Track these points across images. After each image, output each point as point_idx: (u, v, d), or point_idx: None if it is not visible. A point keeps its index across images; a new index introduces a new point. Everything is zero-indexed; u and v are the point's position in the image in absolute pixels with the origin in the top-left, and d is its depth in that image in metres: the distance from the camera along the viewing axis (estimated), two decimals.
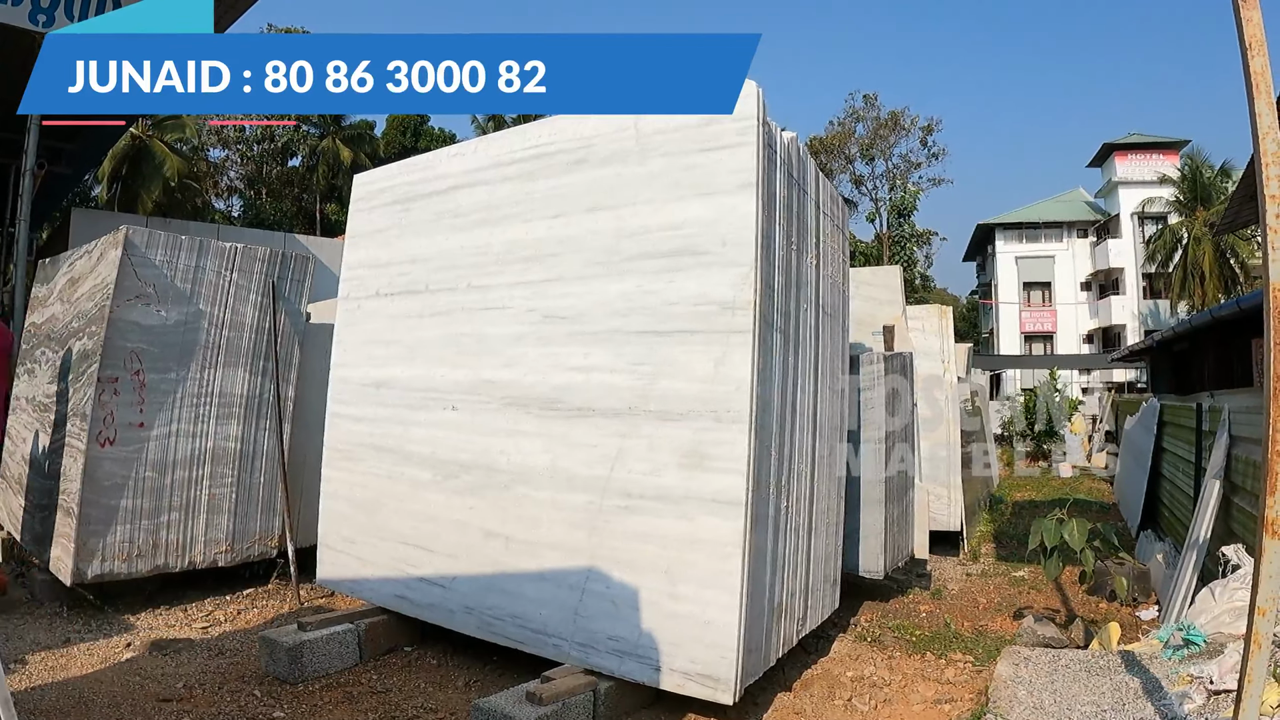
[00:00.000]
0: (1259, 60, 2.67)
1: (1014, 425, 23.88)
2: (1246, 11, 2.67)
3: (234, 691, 4.92)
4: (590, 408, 4.79)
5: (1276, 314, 2.65)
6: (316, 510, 6.34)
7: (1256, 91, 2.69)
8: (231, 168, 42.47)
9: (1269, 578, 2.67)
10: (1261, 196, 2.69)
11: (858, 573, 6.78)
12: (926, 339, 9.43)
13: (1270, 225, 2.67)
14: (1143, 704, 3.84)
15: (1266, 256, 2.69)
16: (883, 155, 48.88)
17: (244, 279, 7.09)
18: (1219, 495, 6.36)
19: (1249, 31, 2.67)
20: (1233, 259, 37.05)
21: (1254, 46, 2.67)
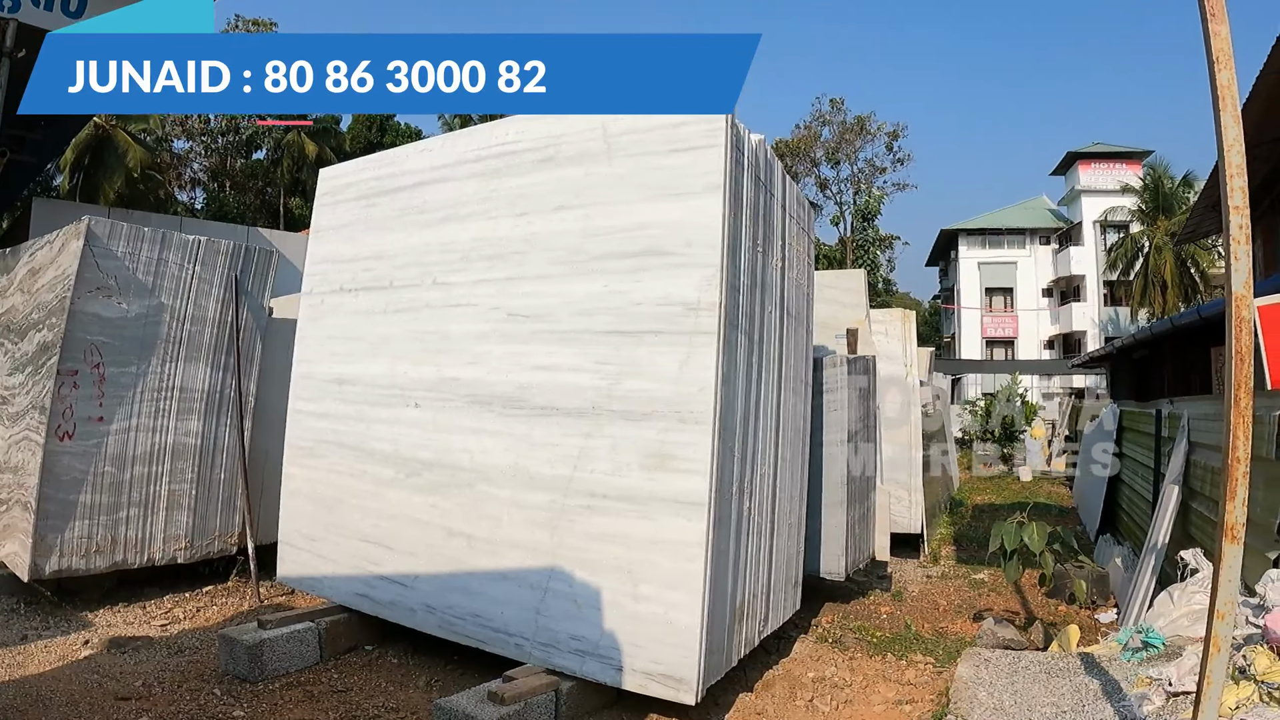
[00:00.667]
0: (1225, 74, 2.71)
1: (974, 429, 24.15)
2: (1214, 26, 2.71)
3: (193, 690, 4.87)
4: (554, 407, 4.77)
5: (1238, 323, 2.70)
6: (277, 507, 6.28)
7: (1223, 104, 2.73)
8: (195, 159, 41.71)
9: (1228, 582, 2.72)
10: (1225, 207, 2.73)
11: (819, 574, 6.81)
12: (889, 343, 9.51)
13: (1233, 236, 2.71)
14: (1102, 705, 3.88)
15: (1229, 266, 2.74)
16: (848, 159, 49.16)
17: (206, 272, 7.00)
18: (1177, 500, 6.46)
19: (1216, 45, 2.71)
20: (1193, 268, 37.73)
21: (1221, 60, 2.71)
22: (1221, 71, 2.71)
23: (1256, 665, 3.53)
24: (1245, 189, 2.71)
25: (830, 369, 6.78)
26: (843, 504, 6.76)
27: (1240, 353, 2.70)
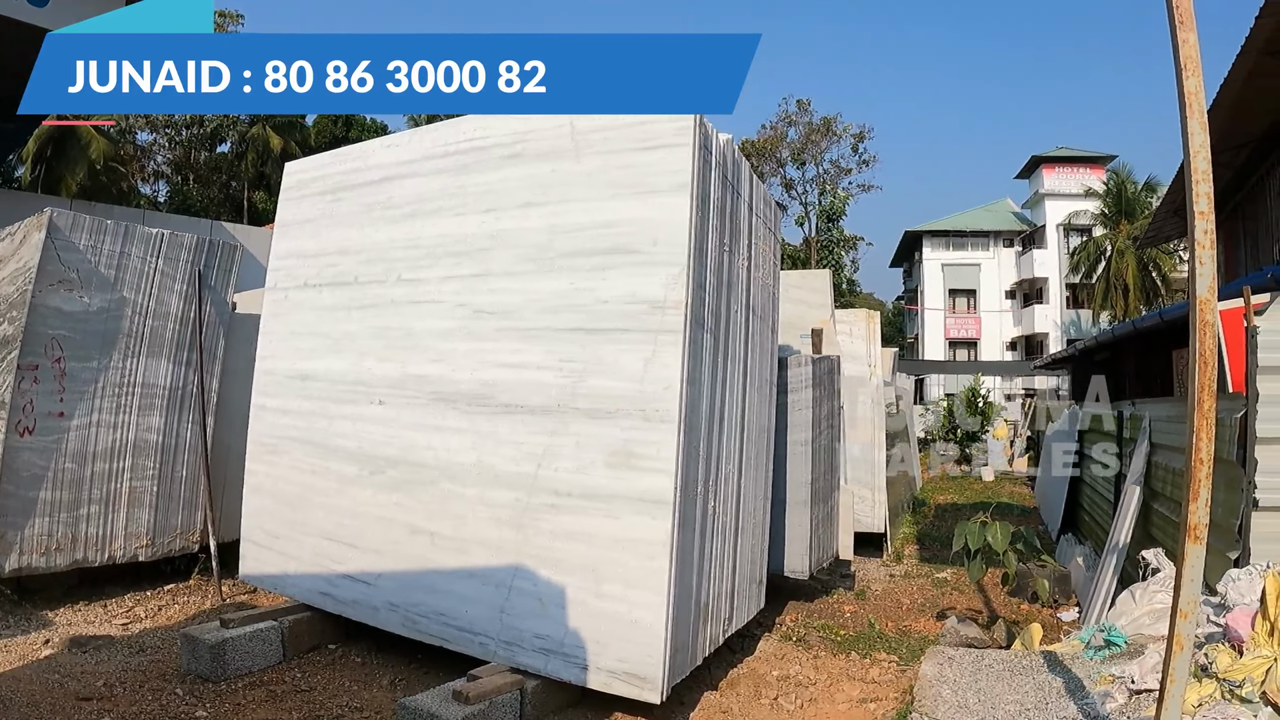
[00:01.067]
0: (1193, 81, 2.74)
1: (937, 430, 24.34)
2: (1183, 34, 2.74)
3: (155, 690, 4.80)
4: (519, 404, 4.75)
5: (1202, 326, 2.73)
6: (240, 504, 6.21)
7: (1190, 110, 2.75)
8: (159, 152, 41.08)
9: (1190, 581, 2.75)
10: (1191, 212, 2.76)
11: (783, 573, 6.84)
12: (853, 343, 9.55)
13: (1198, 240, 2.74)
14: (1065, 703, 3.91)
15: (1194, 270, 2.77)
16: (814, 160, 49.43)
17: (169, 266, 6.91)
18: (1139, 501, 6.54)
19: (1184, 53, 2.74)
20: (1154, 272, 38.33)
21: (1188, 67, 2.74)
22: (1189, 78, 2.74)
23: (1218, 663, 3.58)
24: (1211, 194, 2.74)
25: (795, 369, 6.81)
26: (806, 503, 6.79)
27: (1204, 356, 2.73)
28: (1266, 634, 3.54)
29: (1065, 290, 44.99)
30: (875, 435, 9.50)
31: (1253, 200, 13.70)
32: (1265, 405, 4.55)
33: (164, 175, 42.08)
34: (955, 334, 48.47)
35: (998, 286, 48.64)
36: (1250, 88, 10.09)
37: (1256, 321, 4.62)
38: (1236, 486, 4.70)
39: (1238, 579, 4.18)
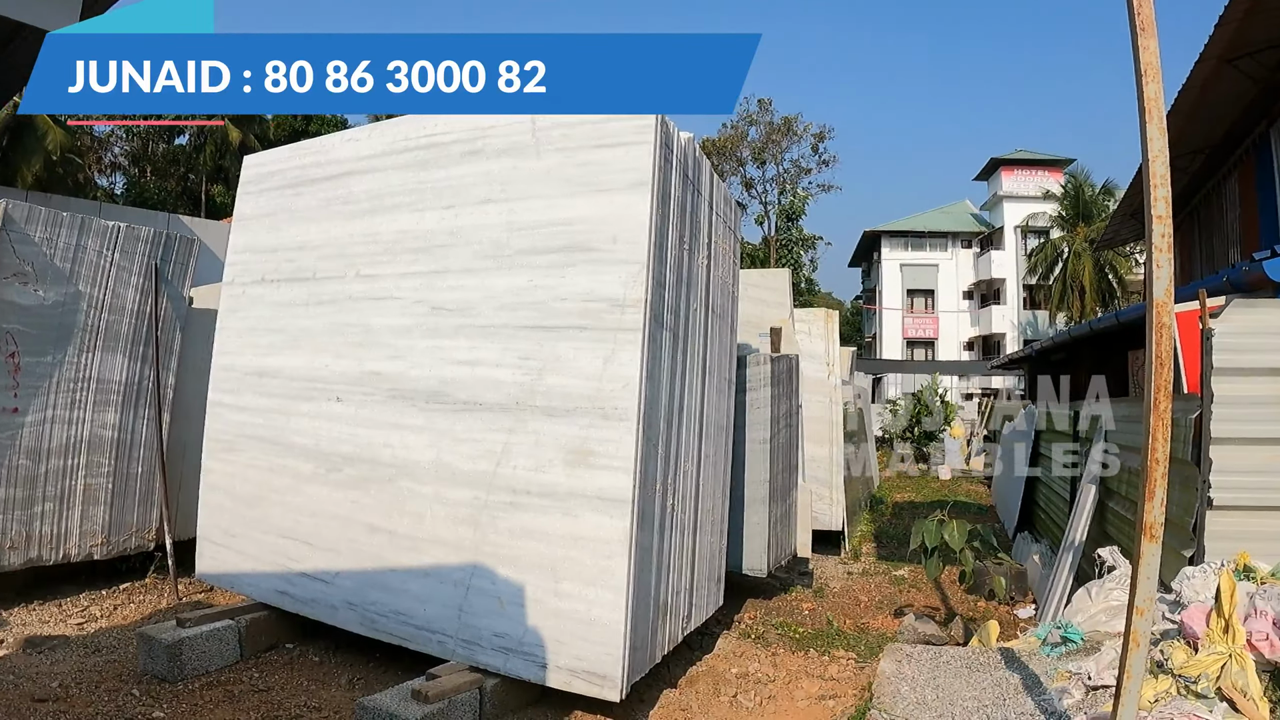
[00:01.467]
0: (1153, 86, 2.76)
1: (895, 428, 24.52)
2: (1143, 40, 2.76)
3: (112, 691, 4.72)
4: (477, 402, 4.73)
5: (1159, 328, 2.76)
6: (196, 502, 6.12)
7: (1149, 116, 2.77)
8: (116, 143, 40.24)
9: (1146, 579, 2.78)
10: (1149, 216, 2.78)
11: (741, 571, 6.86)
12: (812, 342, 9.61)
13: (1156, 244, 2.76)
14: (1023, 699, 3.94)
15: (1151, 273, 2.79)
16: (774, 160, 49.65)
17: (126, 260, 6.79)
18: (1094, 500, 6.63)
19: (1145, 59, 2.76)
20: (1111, 274, 38.90)
21: (1149, 73, 2.76)
22: (1149, 84, 2.76)
23: (1174, 660, 3.62)
24: (1169, 198, 2.76)
25: (753, 367, 6.82)
26: (765, 501, 6.82)
27: (1160, 357, 2.75)
28: (1221, 631, 3.58)
29: (1022, 291, 45.47)
30: (833, 433, 9.54)
31: (1209, 205, 13.96)
32: (1220, 406, 4.63)
33: (121, 167, 41.25)
34: (913, 334, 48.87)
35: (955, 287, 49.09)
36: (1208, 94, 10.31)
37: (1212, 324, 4.69)
38: (1191, 486, 4.78)
39: (1192, 577, 4.23)
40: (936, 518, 6.22)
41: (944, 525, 6.11)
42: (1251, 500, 4.62)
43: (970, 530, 6.26)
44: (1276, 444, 4.65)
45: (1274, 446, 4.65)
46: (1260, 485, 4.62)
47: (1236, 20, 8.75)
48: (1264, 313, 4.79)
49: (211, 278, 7.39)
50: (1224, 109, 11.00)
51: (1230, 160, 12.74)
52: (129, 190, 39.39)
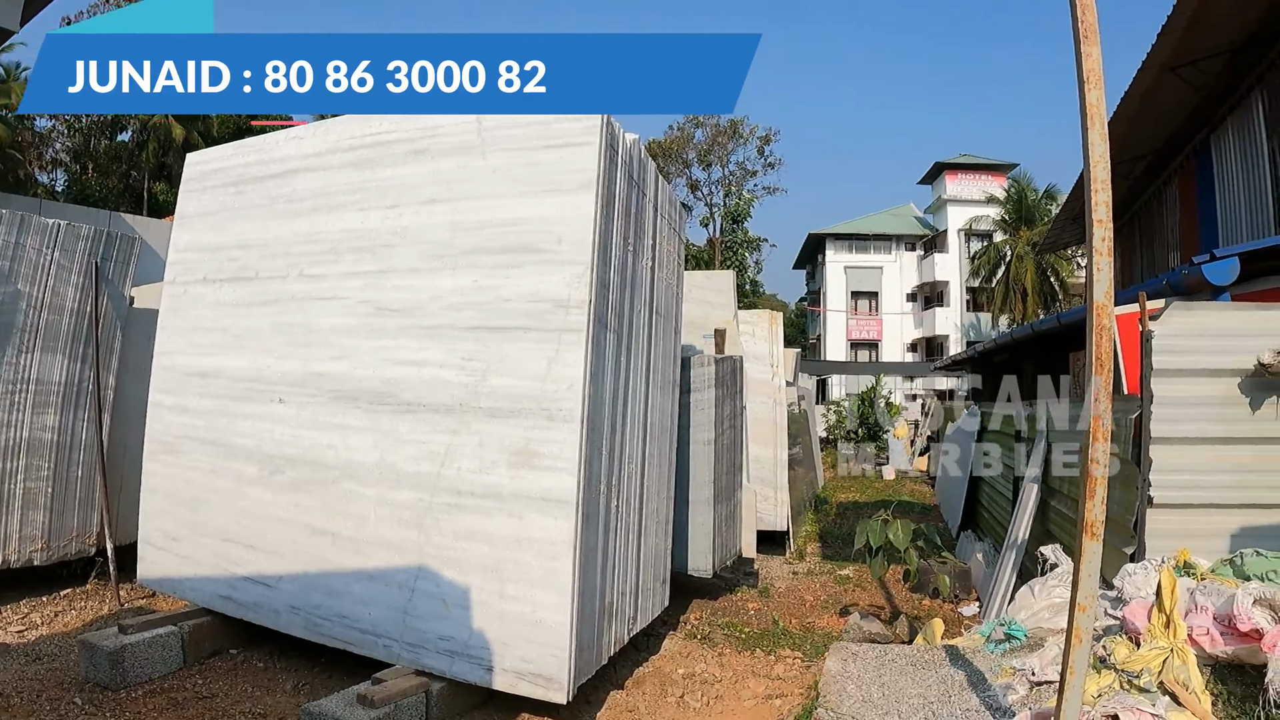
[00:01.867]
0: (1095, 93, 2.80)
1: (839, 429, 24.72)
2: (1086, 47, 2.80)
3: (54, 700, 4.62)
4: (420, 403, 4.70)
5: (1099, 330, 2.80)
6: (138, 506, 6.01)
7: (1091, 122, 2.81)
8: (58, 139, 39.20)
9: (1088, 576, 2.81)
10: (1090, 220, 2.82)
11: (687, 571, 6.88)
12: (756, 343, 9.66)
13: (1096, 247, 2.81)
14: (968, 695, 3.96)
15: (1092, 276, 2.83)
16: (720, 162, 49.99)
17: (66, 259, 6.65)
18: (1037, 499, 6.74)
19: (1087, 66, 2.80)
20: (1053, 277, 39.55)
21: (1091, 80, 2.80)
22: (1091, 91, 2.80)
23: (1116, 655, 3.67)
24: (1109, 203, 2.81)
25: (698, 368, 6.85)
26: (709, 502, 6.85)
27: (1101, 359, 2.80)
28: (1162, 626, 3.63)
29: (966, 294, 45.95)
30: (777, 434, 9.60)
31: (1149, 210, 14.25)
32: (1159, 406, 4.72)
33: (62, 164, 40.17)
34: (857, 335, 49.21)
35: (899, 289, 49.53)
36: (1150, 101, 10.53)
37: (1152, 326, 4.78)
38: (1132, 485, 4.87)
39: (1134, 573, 4.32)
40: (881, 518, 6.27)
41: (888, 525, 6.16)
42: (1191, 499, 4.72)
43: (914, 530, 6.33)
44: (1215, 443, 4.76)
45: (1212, 446, 4.76)
46: (1199, 484, 4.73)
47: (1179, 29, 8.94)
48: (1202, 315, 4.90)
49: (153, 277, 7.26)
50: (1165, 116, 11.24)
51: (1171, 166, 13.03)
52: (70, 187, 38.40)
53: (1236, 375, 4.75)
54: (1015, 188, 41.91)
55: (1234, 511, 4.72)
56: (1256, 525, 4.65)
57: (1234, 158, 10.52)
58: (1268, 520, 4.66)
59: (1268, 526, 4.62)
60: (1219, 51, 9.58)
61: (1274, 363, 4.55)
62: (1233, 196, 10.52)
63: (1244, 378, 4.74)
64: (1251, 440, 4.75)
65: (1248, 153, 10.09)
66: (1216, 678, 3.56)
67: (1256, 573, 4.01)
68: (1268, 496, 4.72)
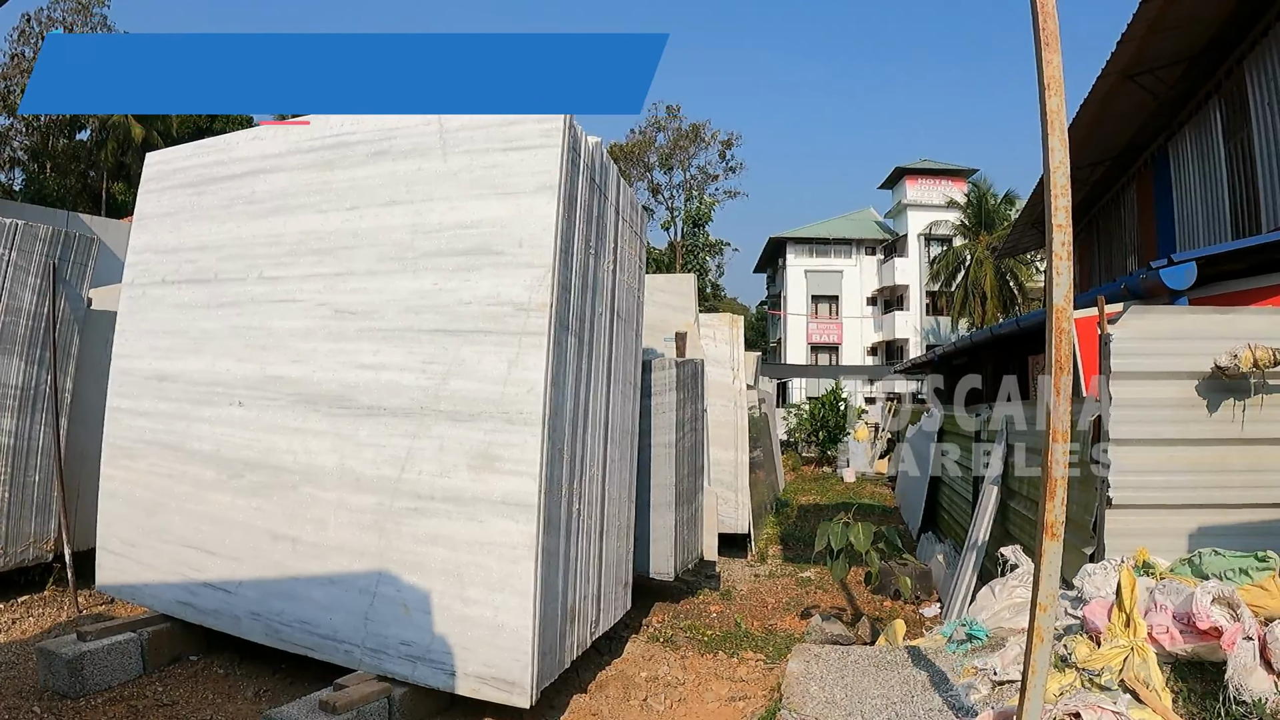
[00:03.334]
0: (1055, 99, 2.83)
1: (800, 432, 24.82)
2: (1047, 54, 2.83)
3: (11, 708, 4.55)
4: (380, 406, 4.67)
5: (1058, 334, 2.83)
6: (96, 511, 5.91)
7: (1051, 128, 2.84)
8: (15, 137, 38.44)
9: (1049, 576, 2.84)
10: (1049, 225, 2.85)
11: (649, 574, 6.89)
12: (717, 347, 9.71)
13: (1056, 252, 2.83)
14: (930, 695, 4.00)
15: (1051, 280, 2.86)
16: (681, 166, 50.09)
17: (23, 259, 6.54)
18: (996, 500, 6.81)
19: (1048, 72, 2.83)
20: (1012, 281, 39.89)
21: (1051, 86, 2.83)
22: (1052, 97, 2.83)
23: (1077, 654, 3.72)
24: (1069, 208, 2.83)
25: (659, 371, 6.87)
26: (671, 505, 6.86)
27: (1060, 361, 2.82)
28: (1122, 625, 3.69)
29: (925, 297, 46.30)
30: (738, 437, 9.63)
31: (1107, 215, 14.46)
32: (1118, 408, 4.80)
33: (20, 162, 39.34)
34: (817, 339, 49.47)
35: (859, 293, 49.87)
36: (1109, 108, 10.68)
37: (1110, 329, 4.85)
38: (1091, 486, 4.94)
39: (1093, 573, 4.38)
40: (841, 520, 6.29)
41: (849, 527, 6.18)
42: (1149, 499, 4.80)
43: (875, 532, 6.36)
44: (1172, 445, 4.85)
45: (1170, 447, 4.85)
46: (1157, 484, 4.82)
47: (1139, 37, 9.08)
48: (1160, 319, 4.98)
49: (111, 278, 7.17)
50: (1124, 122, 11.41)
51: (1129, 171, 13.23)
52: (28, 186, 37.63)
53: (1194, 378, 4.84)
54: (975, 192, 42.24)
55: (1192, 511, 4.81)
56: (1214, 525, 4.73)
57: (1192, 164, 10.70)
58: (1225, 520, 4.75)
59: (1225, 526, 4.71)
60: (1177, 60, 9.75)
61: (1230, 365, 4.64)
62: (1190, 202, 10.71)
63: (1201, 380, 4.83)
64: (1209, 441, 4.84)
65: (1205, 159, 10.27)
66: (1176, 675, 3.61)
67: (1215, 571, 4.08)
68: (1225, 496, 4.81)
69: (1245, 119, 9.10)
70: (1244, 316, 4.91)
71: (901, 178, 48.05)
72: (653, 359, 6.95)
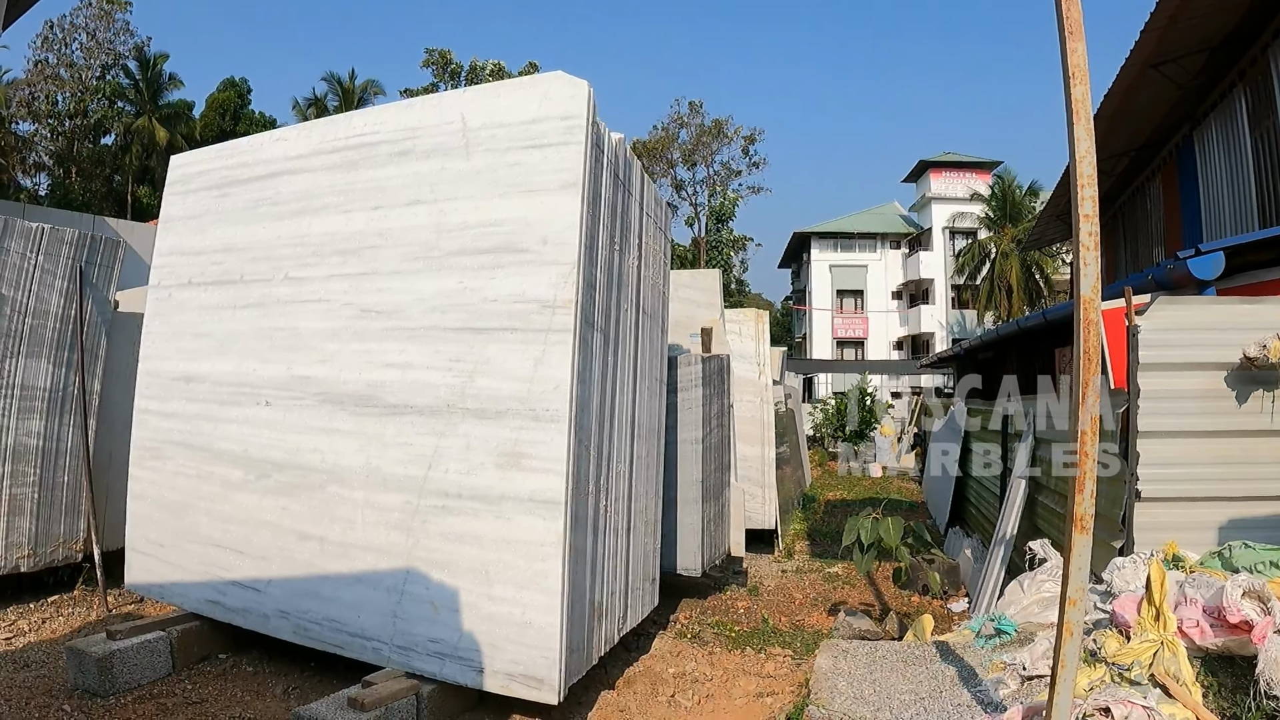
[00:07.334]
0: (1080, 88, 2.78)
1: (826, 427, 24.72)
2: (1071, 43, 2.79)
3: (42, 707, 4.59)
4: (407, 405, 4.68)
5: (1087, 325, 2.79)
6: (124, 511, 5.97)
7: (1076, 118, 2.80)
8: (41, 143, 38.85)
9: (1078, 570, 2.80)
10: (1076, 215, 2.82)
11: (676, 571, 6.88)
12: (743, 342, 9.70)
13: (1083, 243, 2.80)
14: (959, 690, 3.97)
15: (1078, 272, 2.82)
16: (704, 161, 50.08)
17: (50, 263, 6.60)
18: (1025, 494, 6.75)
19: (1072, 61, 2.79)
20: (1037, 273, 39.61)
21: (1076, 75, 2.78)
22: (1077, 86, 2.78)
23: (1106, 648, 3.68)
24: (1095, 198, 2.80)
25: (685, 368, 6.85)
26: (698, 501, 6.85)
27: (1088, 353, 2.78)
28: (1152, 619, 3.64)
29: (950, 291, 45.97)
30: (764, 433, 9.61)
31: (1132, 207, 14.32)
32: (1146, 400, 4.74)
33: (45, 168, 39.87)
34: (843, 334, 49.18)
35: (885, 287, 49.54)
36: (1133, 98, 10.58)
37: (1138, 321, 4.80)
38: (1120, 478, 4.89)
39: (1122, 567, 4.34)
40: (869, 515, 6.27)
41: (879, 522, 6.15)
42: (1178, 492, 4.74)
43: (905, 527, 6.34)
44: (1201, 436, 4.78)
45: (1199, 439, 4.78)
46: (1186, 477, 4.75)
47: (1161, 26, 8.99)
48: (1188, 309, 4.91)
49: (138, 281, 7.23)
50: (1148, 112, 11.30)
51: (1154, 162, 13.10)
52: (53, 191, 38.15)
53: (1222, 369, 4.77)
54: (999, 185, 41.97)
55: (1221, 504, 4.74)
56: (1244, 517, 4.67)
57: (1217, 153, 10.58)
58: (1255, 512, 4.68)
59: (1255, 518, 4.64)
60: (1201, 48, 9.64)
61: (1259, 356, 4.58)
62: (1216, 191, 10.59)
63: (1230, 371, 4.76)
64: (1238, 433, 4.78)
65: (1230, 148, 10.15)
66: (1206, 669, 3.56)
67: (1245, 564, 4.03)
68: (1255, 489, 4.74)
69: (1271, 107, 8.99)
70: (1273, 306, 4.83)
71: (925, 171, 47.76)
72: (679, 355, 6.94)
